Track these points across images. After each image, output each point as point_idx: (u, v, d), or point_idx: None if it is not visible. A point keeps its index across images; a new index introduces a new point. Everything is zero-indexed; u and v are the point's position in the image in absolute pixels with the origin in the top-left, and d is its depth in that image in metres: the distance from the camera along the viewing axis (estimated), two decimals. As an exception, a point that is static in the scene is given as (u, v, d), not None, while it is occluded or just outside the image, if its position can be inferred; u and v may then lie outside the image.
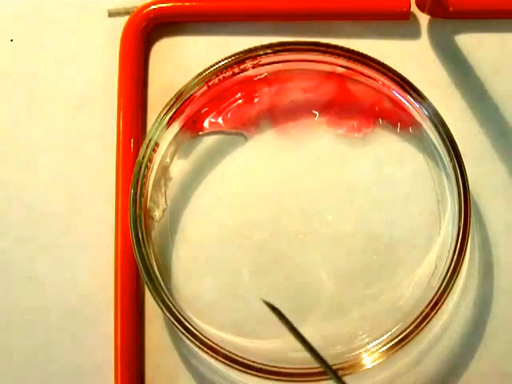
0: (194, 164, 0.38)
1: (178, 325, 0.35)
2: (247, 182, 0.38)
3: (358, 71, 0.37)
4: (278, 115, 0.38)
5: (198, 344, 0.34)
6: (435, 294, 0.34)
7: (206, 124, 0.38)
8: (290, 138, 0.38)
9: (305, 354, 0.33)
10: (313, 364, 0.33)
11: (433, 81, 0.38)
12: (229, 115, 0.38)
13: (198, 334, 0.34)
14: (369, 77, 0.37)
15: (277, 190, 0.37)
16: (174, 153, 0.38)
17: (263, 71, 0.38)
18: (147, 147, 0.36)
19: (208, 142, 0.38)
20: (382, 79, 0.37)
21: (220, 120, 0.38)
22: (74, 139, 0.39)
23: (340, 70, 0.38)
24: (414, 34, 0.39)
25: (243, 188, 0.38)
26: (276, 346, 0.36)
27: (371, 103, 0.38)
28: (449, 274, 0.34)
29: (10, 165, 0.39)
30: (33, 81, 0.39)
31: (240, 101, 0.38)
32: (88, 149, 0.39)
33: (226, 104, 0.38)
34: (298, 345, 0.33)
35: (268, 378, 0.34)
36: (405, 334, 0.34)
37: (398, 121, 0.38)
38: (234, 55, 0.37)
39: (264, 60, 0.37)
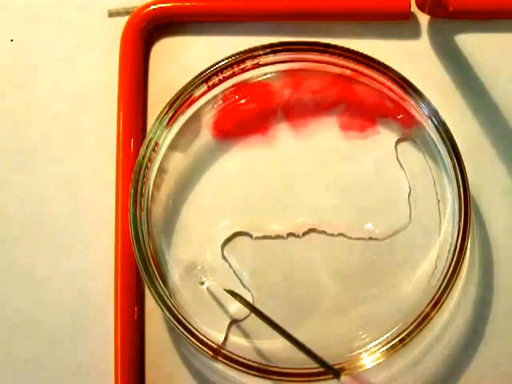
0: (194, 164, 0.38)
1: (177, 325, 0.35)
2: (247, 182, 0.38)
3: (358, 71, 0.37)
4: (280, 115, 0.38)
5: (198, 344, 0.34)
6: (435, 294, 0.34)
7: (206, 124, 0.38)
8: (291, 138, 0.38)
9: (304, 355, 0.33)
10: (313, 364, 0.33)
11: (433, 81, 0.38)
12: (230, 116, 0.38)
13: (197, 333, 0.34)
14: (370, 77, 0.37)
15: (277, 190, 0.37)
16: (174, 153, 0.38)
17: (263, 71, 0.38)
18: (147, 147, 0.36)
19: (208, 141, 0.38)
20: (383, 80, 0.37)
21: (221, 120, 0.38)
22: (73, 139, 0.39)
23: (340, 70, 0.38)
24: (414, 34, 0.39)
25: (243, 188, 0.38)
26: (276, 346, 0.36)
27: (372, 103, 0.38)
28: (449, 274, 0.34)
29: (10, 165, 0.39)
30: (33, 81, 0.39)
31: (242, 101, 0.38)
32: (88, 149, 0.39)
33: (227, 103, 0.38)
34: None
35: (268, 378, 0.34)
36: (405, 333, 0.34)
37: (398, 121, 0.38)
38: (234, 55, 0.37)
39: (264, 60, 0.37)
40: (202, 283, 0.37)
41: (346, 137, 0.38)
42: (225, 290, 0.36)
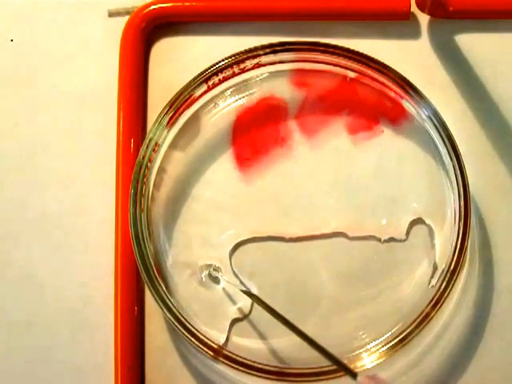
0: (194, 164, 0.38)
1: (177, 325, 0.35)
2: (248, 182, 0.38)
3: (358, 71, 0.37)
4: (288, 118, 0.38)
5: (198, 344, 0.34)
6: (435, 294, 0.34)
7: (207, 124, 0.38)
8: (296, 138, 0.38)
9: (305, 354, 0.33)
10: (313, 364, 0.33)
11: (433, 81, 0.38)
12: (248, 142, 0.38)
13: (198, 334, 0.34)
14: (370, 77, 0.37)
15: (277, 189, 0.37)
16: (174, 153, 0.38)
17: (263, 71, 0.38)
18: (147, 147, 0.36)
19: (209, 141, 0.38)
20: (383, 80, 0.37)
21: (222, 120, 0.38)
22: (73, 139, 0.39)
23: (340, 70, 0.38)
24: (414, 33, 0.39)
25: (243, 188, 0.38)
26: (276, 346, 0.36)
27: (373, 103, 0.38)
28: (449, 274, 0.34)
29: (9, 165, 0.39)
30: (33, 81, 0.39)
31: (241, 101, 0.38)
32: (88, 149, 0.39)
33: (227, 103, 0.38)
34: (298, 345, 0.33)
35: (268, 378, 0.34)
36: (405, 333, 0.34)
37: (398, 121, 0.38)
38: (233, 55, 0.37)
39: (264, 60, 0.37)
40: (218, 282, 0.37)
41: (347, 137, 0.38)
42: (241, 291, 0.36)
